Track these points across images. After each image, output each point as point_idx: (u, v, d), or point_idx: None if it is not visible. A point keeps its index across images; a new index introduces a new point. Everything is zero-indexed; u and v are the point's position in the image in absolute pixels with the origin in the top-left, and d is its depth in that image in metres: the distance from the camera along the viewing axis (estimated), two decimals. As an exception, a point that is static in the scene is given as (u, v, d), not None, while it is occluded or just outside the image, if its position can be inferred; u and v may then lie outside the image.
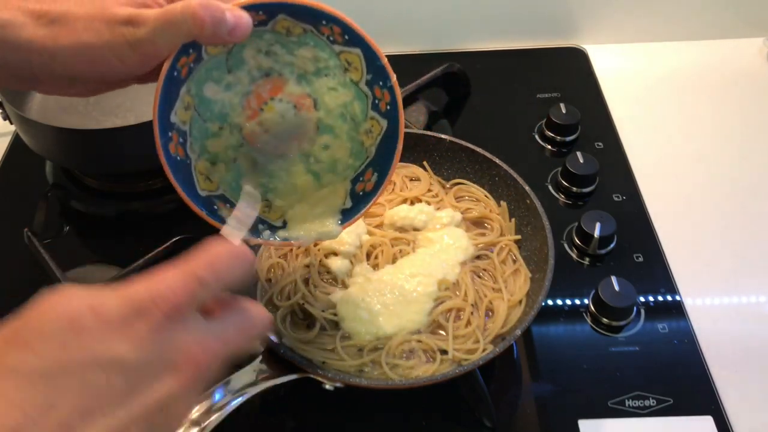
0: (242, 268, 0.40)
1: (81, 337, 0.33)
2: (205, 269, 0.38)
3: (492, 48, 1.05)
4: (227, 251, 0.40)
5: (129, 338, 0.34)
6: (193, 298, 0.37)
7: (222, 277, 0.39)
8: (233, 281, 0.39)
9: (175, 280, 0.36)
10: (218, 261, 0.39)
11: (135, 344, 0.34)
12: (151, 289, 0.35)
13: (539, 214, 0.64)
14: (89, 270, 0.72)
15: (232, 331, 0.39)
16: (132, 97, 0.88)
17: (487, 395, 0.60)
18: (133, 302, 0.35)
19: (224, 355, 0.38)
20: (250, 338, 0.41)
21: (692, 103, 0.95)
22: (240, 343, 0.40)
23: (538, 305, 0.58)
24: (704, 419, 0.60)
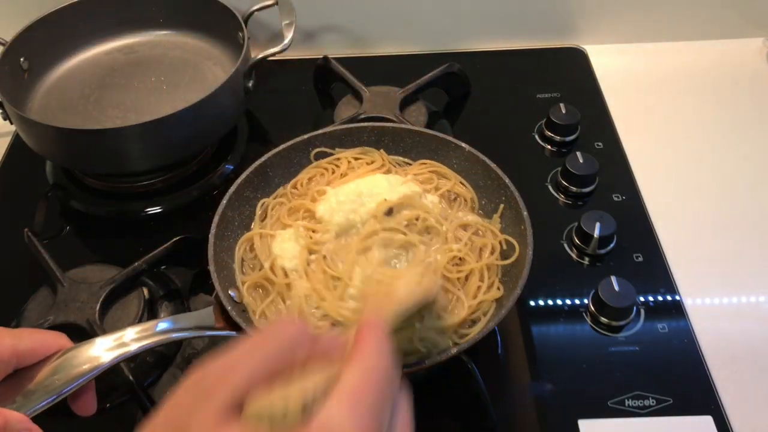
0: (391, 355, 0.36)
1: None
2: (378, 387, 0.33)
3: (492, 48, 1.05)
4: (379, 344, 0.36)
5: None
6: (379, 429, 0.33)
7: (392, 382, 0.35)
8: (395, 377, 0.36)
9: (353, 421, 0.31)
10: (382, 364, 0.35)
11: None
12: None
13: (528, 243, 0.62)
14: (89, 270, 0.72)
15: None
16: (132, 97, 0.88)
17: (487, 395, 0.60)
18: None
19: None
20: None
21: (692, 103, 0.95)
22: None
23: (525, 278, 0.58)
24: (704, 419, 0.60)
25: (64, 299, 0.68)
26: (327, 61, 0.96)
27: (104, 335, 0.56)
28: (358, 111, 0.88)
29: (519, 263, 0.62)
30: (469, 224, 0.66)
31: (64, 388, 0.51)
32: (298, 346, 0.34)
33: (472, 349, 0.58)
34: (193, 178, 0.85)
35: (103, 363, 0.53)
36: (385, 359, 0.35)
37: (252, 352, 0.33)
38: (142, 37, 0.98)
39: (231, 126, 0.86)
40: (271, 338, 0.34)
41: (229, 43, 0.93)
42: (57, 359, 0.52)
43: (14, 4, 0.98)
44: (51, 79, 0.92)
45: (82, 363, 0.52)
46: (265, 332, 0.35)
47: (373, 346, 0.35)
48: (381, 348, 0.35)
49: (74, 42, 0.94)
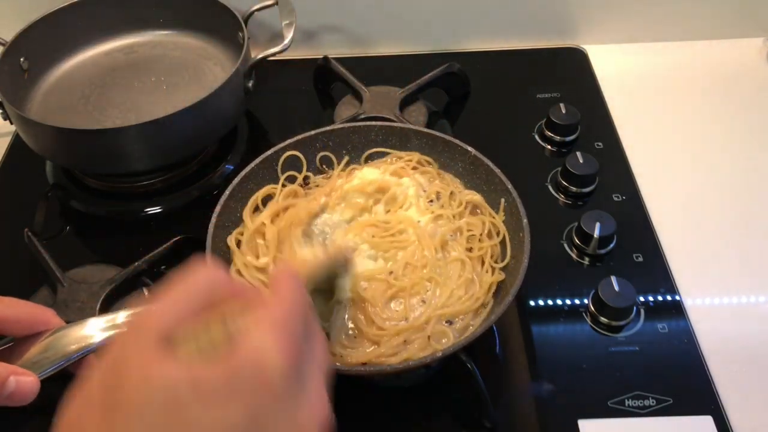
0: (306, 296, 0.40)
1: (184, 416, 0.32)
2: (295, 316, 0.37)
3: (492, 48, 1.05)
4: (294, 284, 0.39)
5: (239, 414, 0.32)
6: (300, 355, 0.36)
7: (307, 316, 0.39)
8: (309, 314, 0.40)
9: (277, 346, 0.34)
10: (297, 299, 0.38)
11: (246, 419, 0.32)
12: (256, 359, 0.34)
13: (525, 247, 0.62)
14: (89, 270, 0.72)
15: (323, 373, 0.39)
16: (132, 97, 0.88)
17: (487, 395, 0.60)
18: (238, 370, 0.33)
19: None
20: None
21: (692, 102, 0.95)
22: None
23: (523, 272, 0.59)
24: (704, 419, 0.60)
25: (64, 299, 0.68)
26: (327, 61, 0.96)
27: (97, 316, 0.56)
28: (358, 111, 0.89)
29: (514, 270, 0.62)
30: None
31: (53, 365, 0.51)
32: (217, 286, 0.38)
33: (471, 349, 0.58)
34: (193, 178, 0.85)
35: (94, 342, 0.53)
36: (301, 296, 0.39)
37: (175, 295, 0.36)
38: (142, 37, 0.98)
39: (231, 126, 0.86)
40: (191, 281, 0.37)
41: (229, 43, 0.93)
42: (48, 337, 0.52)
43: (14, 4, 0.98)
44: (51, 79, 0.92)
45: (72, 342, 0.52)
46: (187, 276, 0.37)
47: (290, 285, 0.39)
48: (296, 287, 0.39)
49: (74, 42, 0.94)
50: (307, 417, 0.35)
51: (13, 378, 0.47)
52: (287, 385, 0.34)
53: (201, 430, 0.32)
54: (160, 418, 0.31)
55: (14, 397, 0.47)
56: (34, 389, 0.48)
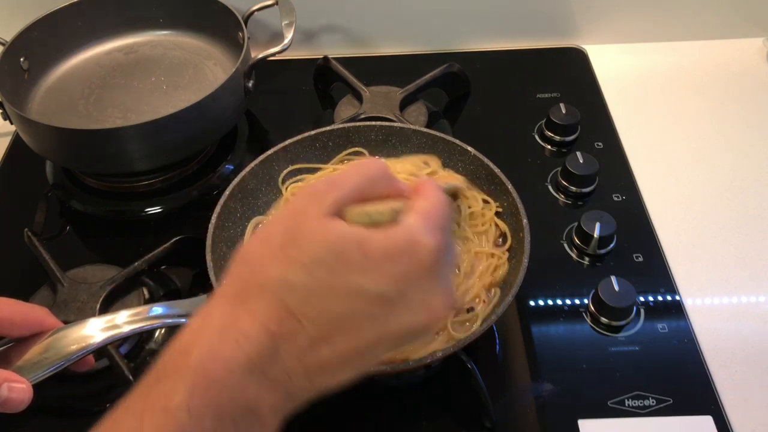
0: (450, 210, 0.44)
1: (349, 270, 0.38)
2: (442, 217, 0.42)
3: (492, 48, 1.05)
4: (439, 193, 0.44)
5: (391, 276, 0.38)
6: (445, 247, 0.41)
7: (449, 221, 0.43)
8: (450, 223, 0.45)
9: (429, 231, 0.40)
10: (443, 204, 0.43)
11: (395, 282, 0.38)
12: (412, 236, 0.39)
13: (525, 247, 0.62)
14: (89, 270, 0.72)
15: (452, 275, 0.44)
16: (132, 97, 0.88)
17: (487, 395, 0.60)
18: (396, 243, 0.39)
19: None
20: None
21: (692, 102, 0.95)
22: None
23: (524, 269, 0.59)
24: (704, 419, 0.60)
25: (64, 299, 0.68)
26: (327, 61, 0.96)
27: (97, 316, 0.55)
28: (358, 111, 0.89)
29: (515, 270, 0.62)
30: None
31: (53, 366, 0.51)
32: (382, 179, 0.43)
33: (471, 349, 0.58)
34: (193, 178, 0.85)
35: (94, 343, 0.53)
36: (444, 197, 0.44)
37: (349, 177, 0.41)
38: (142, 37, 0.98)
39: (231, 126, 0.86)
40: (364, 168, 0.43)
41: (229, 43, 0.93)
42: (48, 337, 0.52)
43: (14, 4, 0.98)
44: (51, 79, 0.92)
45: (72, 342, 0.52)
46: (356, 165, 0.43)
47: (433, 188, 0.44)
48: (439, 191, 0.44)
49: (74, 42, 0.94)
50: (438, 301, 0.40)
51: (5, 385, 0.47)
52: (432, 266, 0.39)
53: (357, 284, 0.37)
54: (330, 265, 0.37)
55: (7, 404, 0.47)
56: (26, 396, 0.47)
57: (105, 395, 0.65)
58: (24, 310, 0.53)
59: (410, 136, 0.74)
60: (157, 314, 0.56)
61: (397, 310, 0.39)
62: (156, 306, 0.57)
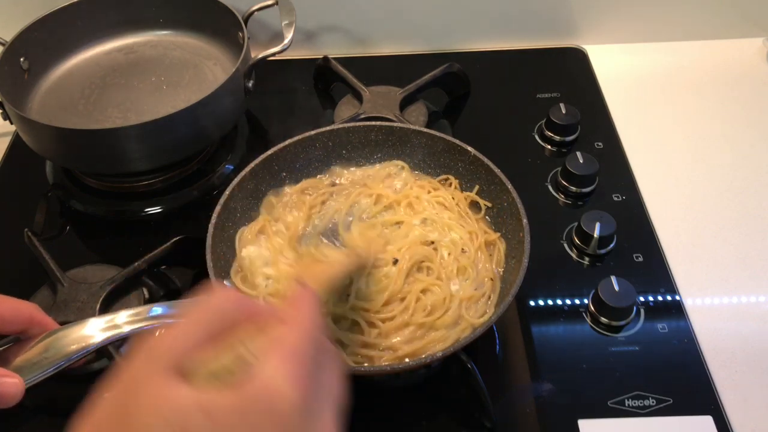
0: (319, 319, 0.39)
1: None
2: (308, 342, 0.36)
3: (492, 48, 1.05)
4: (309, 307, 0.40)
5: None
6: (313, 386, 0.35)
7: (319, 341, 0.38)
8: (322, 337, 0.39)
9: (290, 376, 0.34)
10: (310, 324, 0.38)
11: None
12: (268, 389, 0.33)
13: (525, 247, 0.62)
14: (89, 270, 0.72)
15: (335, 403, 0.38)
16: (132, 97, 0.88)
17: (487, 395, 0.60)
18: (251, 401, 0.32)
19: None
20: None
21: (692, 102, 0.95)
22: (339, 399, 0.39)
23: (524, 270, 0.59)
24: (704, 419, 0.60)
25: (64, 299, 0.68)
26: (327, 61, 0.96)
27: (97, 316, 0.56)
28: (358, 111, 0.89)
29: (515, 270, 0.62)
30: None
31: (53, 366, 0.51)
32: (234, 312, 0.37)
33: (471, 349, 0.58)
34: (193, 178, 0.85)
35: (94, 343, 0.53)
36: (315, 322, 0.39)
37: (191, 320, 0.36)
38: (142, 37, 0.98)
39: (231, 126, 0.86)
40: (208, 306, 0.37)
41: (229, 43, 0.93)
42: (48, 337, 0.52)
43: (14, 4, 0.98)
44: (51, 79, 0.92)
45: (72, 342, 0.52)
46: (202, 301, 0.38)
47: (305, 310, 0.39)
48: (312, 308, 0.39)
49: (74, 42, 0.94)
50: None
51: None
52: (299, 418, 0.33)
53: None
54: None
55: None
56: (18, 391, 0.47)
57: (105, 395, 0.65)
58: (14, 305, 0.52)
59: (410, 136, 0.74)
60: (157, 314, 0.56)
61: None
62: (156, 306, 0.57)
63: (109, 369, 0.64)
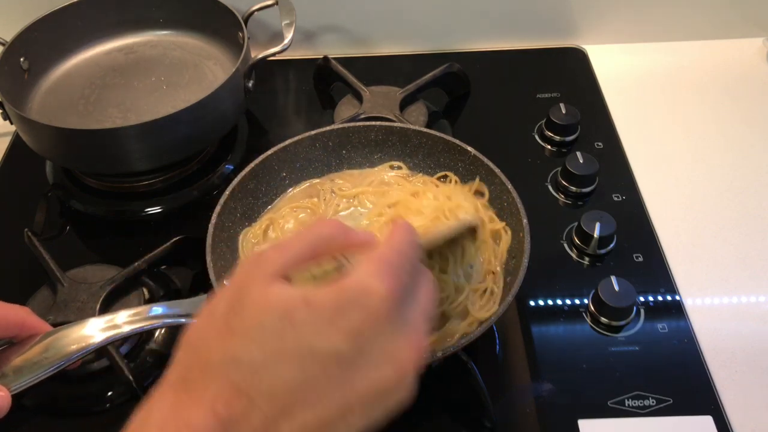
0: (417, 245, 0.42)
1: (297, 330, 0.35)
2: (402, 257, 0.39)
3: (492, 48, 1.05)
4: (407, 233, 0.42)
5: (344, 331, 0.35)
6: (403, 290, 0.38)
7: (414, 260, 0.41)
8: (417, 260, 0.42)
9: (381, 276, 0.37)
10: (406, 245, 0.40)
11: (350, 337, 0.35)
12: (361, 285, 0.37)
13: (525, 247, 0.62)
14: (89, 270, 0.72)
15: (426, 320, 0.40)
16: (132, 97, 0.88)
17: (487, 395, 0.60)
18: (346, 294, 0.36)
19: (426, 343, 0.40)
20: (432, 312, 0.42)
21: (692, 102, 0.95)
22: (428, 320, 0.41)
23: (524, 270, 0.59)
24: (704, 419, 0.60)
25: (64, 299, 0.68)
26: (327, 61, 0.96)
27: (97, 316, 0.56)
28: (358, 111, 0.89)
29: (515, 270, 0.62)
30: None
31: (53, 366, 0.51)
32: (335, 236, 0.41)
33: (471, 349, 0.58)
34: (193, 178, 0.85)
35: (94, 343, 0.53)
36: (410, 238, 0.41)
37: (296, 240, 0.40)
38: (142, 37, 0.98)
39: (231, 126, 0.86)
40: (312, 230, 0.41)
41: (229, 43, 0.93)
42: (48, 337, 0.52)
43: (14, 4, 0.98)
44: (51, 79, 0.92)
45: (72, 342, 0.52)
46: (307, 227, 0.41)
47: (402, 232, 0.41)
48: (409, 234, 0.42)
49: (74, 42, 0.94)
50: (405, 350, 0.37)
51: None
52: (388, 316, 0.36)
53: (307, 345, 0.35)
54: (274, 330, 0.35)
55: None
56: (5, 404, 0.47)
57: (105, 395, 0.65)
58: (5, 310, 0.52)
59: (410, 136, 0.74)
60: (157, 314, 0.56)
61: (358, 368, 0.35)
62: (156, 306, 0.57)
63: (109, 370, 0.64)
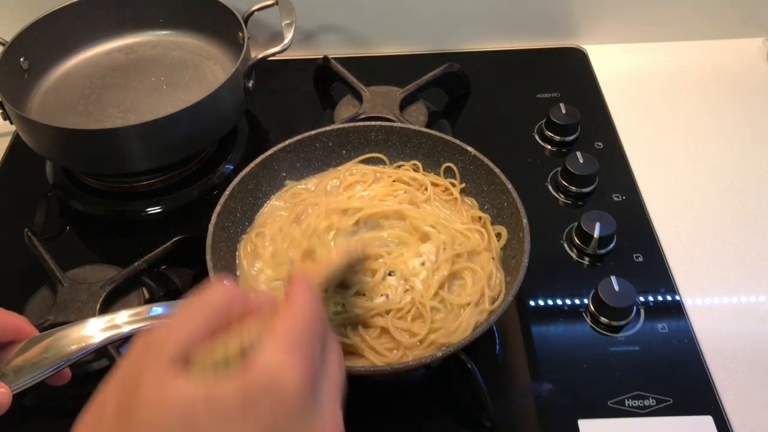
0: (320, 306, 0.39)
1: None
2: (309, 326, 0.36)
3: (492, 48, 1.05)
4: (307, 292, 0.39)
5: (255, 430, 0.32)
6: (314, 367, 0.35)
7: (322, 326, 0.38)
8: (324, 324, 0.39)
9: (291, 358, 0.34)
10: (310, 308, 0.38)
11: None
12: (271, 373, 0.33)
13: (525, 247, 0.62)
14: (89, 270, 0.72)
15: (339, 389, 0.38)
16: (132, 97, 0.88)
17: (487, 395, 0.60)
18: (254, 386, 0.32)
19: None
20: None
21: (692, 103, 0.95)
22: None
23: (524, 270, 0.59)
24: (704, 419, 0.60)
25: (64, 299, 0.68)
26: (327, 61, 0.96)
27: (97, 316, 0.56)
28: (358, 111, 0.89)
29: (515, 270, 0.62)
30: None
31: (53, 366, 0.51)
32: (233, 305, 0.37)
33: (471, 349, 0.58)
34: (193, 178, 0.85)
35: (94, 343, 0.53)
36: (314, 303, 0.38)
37: (191, 313, 0.36)
38: (142, 37, 0.98)
39: (231, 126, 0.86)
40: (207, 299, 0.37)
41: (229, 43, 0.93)
42: (48, 337, 0.52)
43: (14, 4, 0.98)
44: (51, 79, 0.92)
45: (72, 342, 0.52)
46: (201, 296, 0.37)
47: (303, 294, 0.38)
48: (310, 295, 0.39)
49: (74, 42, 0.94)
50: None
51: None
52: (302, 402, 0.33)
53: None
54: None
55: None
56: (5, 401, 0.46)
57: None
58: (4, 316, 0.52)
59: (410, 136, 0.74)
60: (157, 314, 0.56)
61: None
62: (156, 306, 0.56)
63: (109, 370, 0.64)
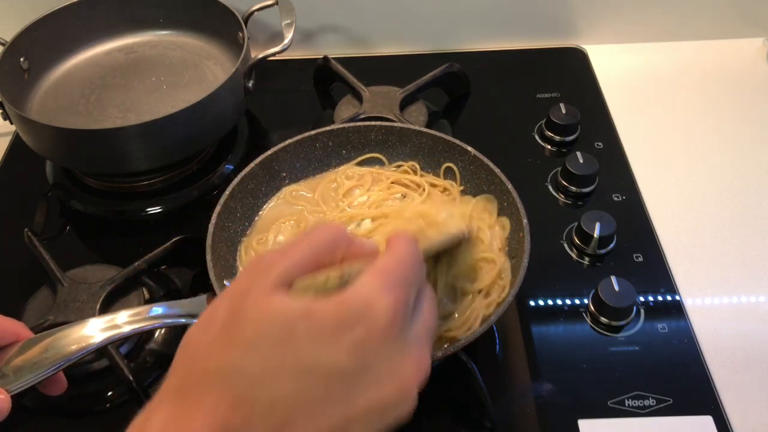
0: (419, 256, 0.41)
1: (298, 343, 0.34)
2: (406, 269, 0.38)
3: (492, 48, 1.05)
4: (409, 244, 0.40)
5: (346, 346, 0.34)
6: (407, 304, 0.37)
7: (418, 273, 0.40)
8: (421, 272, 0.41)
9: (385, 289, 0.36)
10: (409, 256, 0.39)
11: (353, 353, 0.35)
12: (365, 298, 0.36)
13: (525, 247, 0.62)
14: (89, 270, 0.72)
15: (429, 336, 0.40)
16: (132, 97, 0.88)
17: (487, 395, 0.60)
18: (349, 308, 0.35)
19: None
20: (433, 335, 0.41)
21: (692, 102, 0.95)
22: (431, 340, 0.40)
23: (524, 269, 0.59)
24: (704, 419, 0.60)
25: (64, 299, 0.68)
26: (327, 61, 0.96)
27: (97, 317, 0.56)
28: (358, 111, 0.89)
29: (515, 270, 0.62)
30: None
31: (53, 366, 0.51)
32: (338, 245, 0.40)
33: (471, 349, 0.58)
34: (193, 178, 0.85)
35: (94, 343, 0.53)
36: (415, 254, 0.40)
37: (299, 245, 0.39)
38: (142, 37, 0.98)
39: (231, 126, 0.86)
40: (316, 236, 0.40)
41: (229, 43, 0.93)
42: (48, 337, 0.52)
43: (14, 4, 0.98)
44: (51, 79, 0.92)
45: (72, 342, 0.52)
46: (311, 231, 0.40)
47: (405, 244, 0.40)
48: (412, 246, 0.40)
49: (74, 42, 0.94)
50: (407, 367, 0.37)
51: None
52: (391, 335, 0.36)
53: (309, 358, 0.34)
54: (276, 341, 0.34)
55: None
56: (5, 408, 0.47)
57: (105, 395, 0.65)
58: (2, 323, 0.52)
59: (410, 136, 0.74)
60: (157, 314, 0.56)
61: (359, 384, 0.35)
62: (156, 306, 0.57)
63: (109, 370, 0.64)
